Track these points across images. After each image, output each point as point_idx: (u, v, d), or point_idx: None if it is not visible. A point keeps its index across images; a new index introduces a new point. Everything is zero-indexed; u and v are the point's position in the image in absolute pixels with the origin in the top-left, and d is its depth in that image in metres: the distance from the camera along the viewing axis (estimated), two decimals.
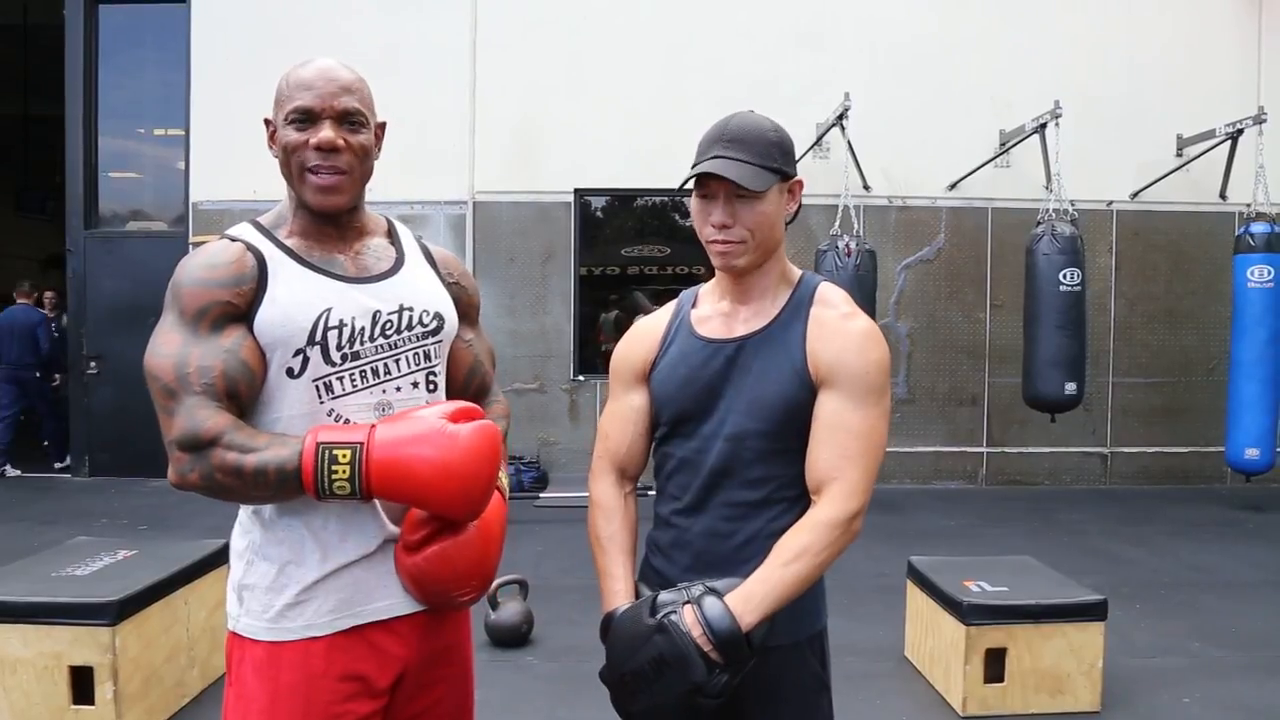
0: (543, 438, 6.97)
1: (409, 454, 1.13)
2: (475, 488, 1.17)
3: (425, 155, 6.67)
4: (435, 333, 1.35)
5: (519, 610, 3.55)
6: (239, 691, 1.26)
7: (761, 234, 1.29)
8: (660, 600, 1.21)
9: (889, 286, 6.84)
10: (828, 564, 1.24)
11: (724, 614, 1.16)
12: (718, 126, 1.30)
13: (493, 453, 1.17)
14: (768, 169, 1.27)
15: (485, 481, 1.17)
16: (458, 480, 1.14)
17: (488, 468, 1.17)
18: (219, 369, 1.17)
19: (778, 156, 1.29)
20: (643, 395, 1.42)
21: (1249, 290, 5.81)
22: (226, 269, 1.21)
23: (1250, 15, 7.06)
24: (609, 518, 1.42)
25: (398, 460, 1.13)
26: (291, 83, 1.25)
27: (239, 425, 1.17)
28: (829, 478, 1.25)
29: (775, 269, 1.35)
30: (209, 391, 1.16)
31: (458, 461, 1.14)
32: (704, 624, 1.16)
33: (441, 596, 1.28)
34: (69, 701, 2.59)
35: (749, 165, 1.25)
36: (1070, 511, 6.09)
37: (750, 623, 1.17)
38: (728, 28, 6.96)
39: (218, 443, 1.14)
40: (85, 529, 4.71)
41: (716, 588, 1.20)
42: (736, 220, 1.27)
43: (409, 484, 1.14)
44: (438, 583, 1.25)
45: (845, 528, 1.23)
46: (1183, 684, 3.20)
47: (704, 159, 1.28)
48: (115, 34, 7.27)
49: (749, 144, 1.27)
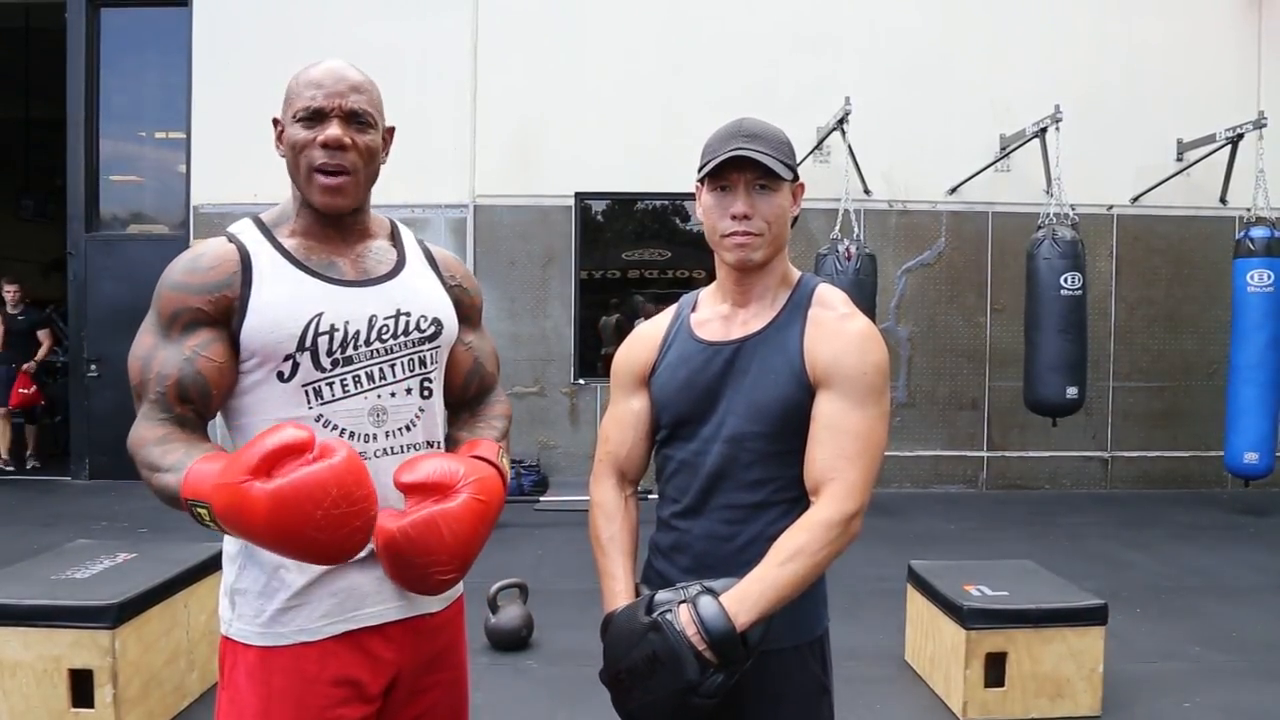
0: (543, 441, 6.97)
1: (235, 513, 1.03)
2: (303, 546, 1.05)
3: (426, 159, 6.67)
4: (432, 339, 1.34)
5: (519, 614, 3.54)
6: (231, 696, 1.26)
7: (778, 227, 1.31)
8: (657, 599, 1.20)
9: (889, 290, 6.84)
10: (826, 564, 1.23)
11: (718, 613, 1.15)
12: (731, 125, 1.31)
13: (312, 507, 1.02)
14: (785, 163, 1.29)
15: (313, 539, 1.04)
16: (278, 542, 1.05)
17: (309, 528, 1.02)
18: (173, 378, 1.19)
19: (790, 155, 1.32)
20: (643, 399, 1.43)
21: (1249, 295, 5.81)
22: (205, 274, 1.22)
23: (1250, 19, 7.07)
24: (610, 519, 1.42)
25: (232, 518, 1.04)
26: (301, 82, 1.26)
27: (161, 439, 1.17)
28: (826, 478, 1.24)
29: (779, 269, 1.36)
30: (160, 400, 1.19)
31: (270, 528, 1.02)
32: (698, 623, 1.15)
33: (418, 570, 1.19)
34: (68, 705, 2.59)
35: (771, 156, 1.27)
36: (1071, 515, 6.08)
37: (745, 622, 1.16)
38: (728, 31, 6.97)
39: (136, 457, 1.18)
40: (85, 532, 4.70)
41: (713, 587, 1.19)
42: (756, 211, 1.28)
43: (255, 539, 1.06)
44: (421, 553, 1.17)
45: (843, 528, 1.22)
46: (1183, 689, 3.19)
47: (724, 151, 1.28)
48: (116, 37, 7.28)
49: (767, 139, 1.29)
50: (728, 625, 1.15)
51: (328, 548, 1.06)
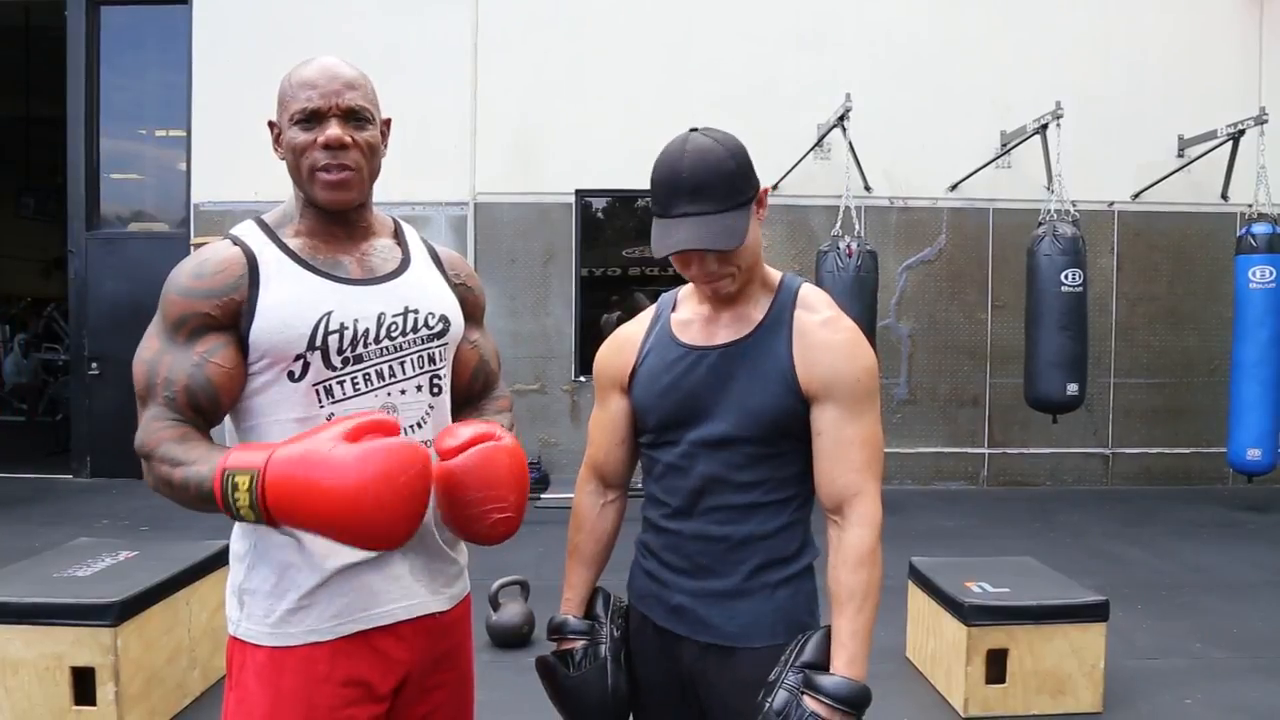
0: (543, 439, 6.97)
1: (302, 478, 1.03)
2: (372, 514, 1.04)
3: (426, 156, 6.68)
4: (440, 335, 1.34)
5: (520, 611, 3.54)
6: (240, 696, 1.25)
7: (746, 261, 1.27)
8: (774, 709, 1.19)
9: (890, 287, 6.84)
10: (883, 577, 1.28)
11: (846, 683, 1.19)
12: (670, 171, 1.23)
13: (398, 471, 1.04)
14: (735, 208, 1.22)
15: (386, 507, 1.04)
16: (349, 507, 1.03)
17: (388, 491, 1.03)
18: (182, 383, 1.18)
19: (740, 185, 1.23)
20: (622, 402, 1.41)
21: (1251, 291, 5.80)
22: (211, 279, 1.21)
23: (1251, 15, 7.06)
24: (578, 527, 1.48)
25: (290, 485, 1.03)
26: (294, 83, 1.24)
27: (182, 437, 1.17)
28: (847, 494, 1.26)
29: (755, 276, 1.33)
30: (170, 404, 1.18)
31: (350, 487, 1.02)
32: (835, 703, 1.18)
33: (476, 507, 1.18)
34: (70, 702, 2.59)
35: (719, 218, 1.21)
36: (1072, 512, 6.08)
37: (862, 673, 1.21)
38: (729, 29, 6.96)
39: (154, 455, 1.16)
40: (87, 530, 4.71)
41: (813, 661, 1.22)
42: (723, 270, 1.26)
43: (304, 511, 1.04)
44: (482, 486, 1.17)
45: (880, 538, 1.27)
46: (1184, 685, 3.19)
47: (668, 217, 1.23)
48: (117, 35, 7.26)
49: (712, 189, 1.21)
50: (861, 689, 1.19)
51: (390, 524, 1.06)
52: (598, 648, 1.39)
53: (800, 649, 1.23)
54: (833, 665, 1.20)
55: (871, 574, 1.24)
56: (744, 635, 1.29)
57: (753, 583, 1.30)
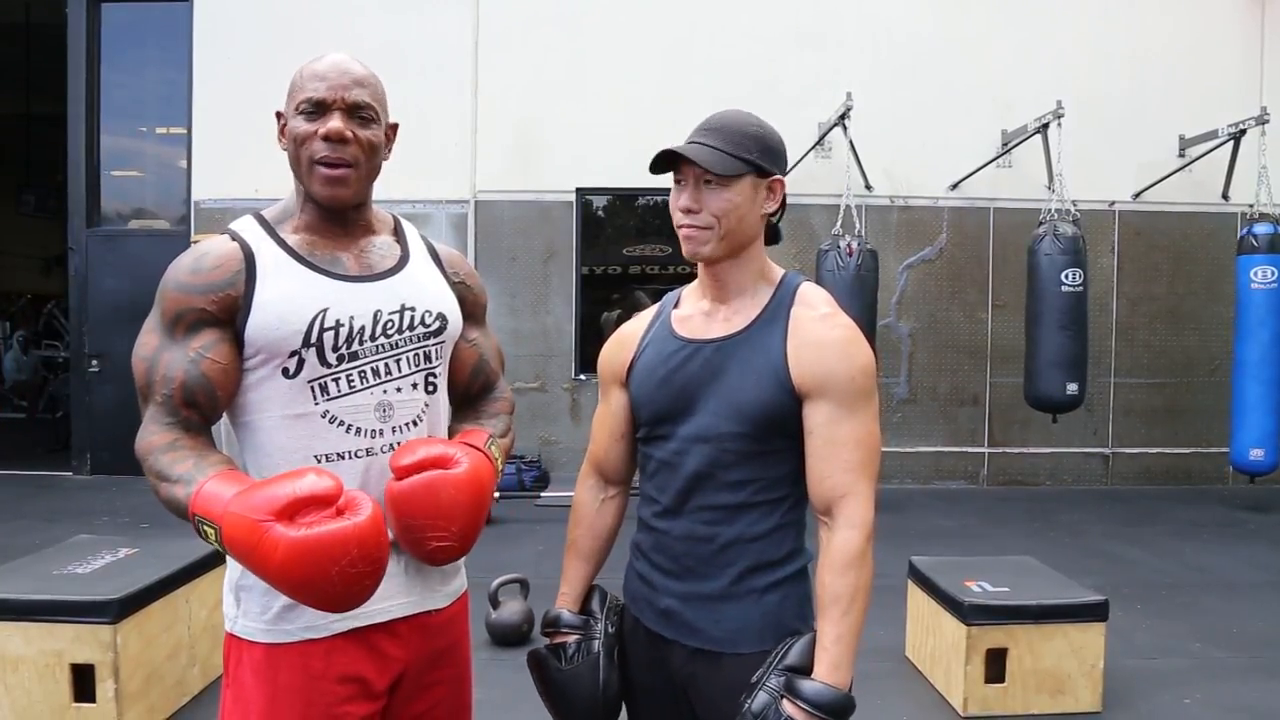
0: (544, 437, 6.97)
1: (248, 552, 1.04)
2: (309, 599, 1.08)
3: (427, 154, 6.67)
4: (437, 333, 1.34)
5: (520, 609, 3.54)
6: (237, 693, 1.25)
7: (729, 223, 1.26)
8: (753, 710, 1.18)
9: (890, 286, 6.83)
10: (872, 582, 1.25)
11: (826, 689, 1.16)
12: (706, 118, 1.30)
13: (329, 564, 1.03)
14: (738, 158, 1.25)
15: (322, 595, 1.06)
16: (289, 590, 1.06)
17: (321, 581, 1.04)
18: (179, 380, 1.19)
19: (753, 149, 1.26)
20: (620, 398, 1.41)
21: (1252, 291, 5.80)
22: (209, 274, 1.21)
23: (1253, 15, 7.05)
24: (577, 522, 1.48)
25: (241, 554, 1.06)
26: (305, 74, 1.25)
27: (170, 445, 1.17)
28: (837, 495, 1.23)
29: (752, 267, 1.32)
30: (166, 403, 1.19)
31: (284, 582, 1.05)
32: (812, 710, 1.15)
33: (415, 533, 1.21)
34: (70, 699, 2.60)
35: (717, 151, 1.24)
36: (1071, 512, 6.08)
37: (846, 679, 1.18)
38: (730, 27, 6.95)
39: (145, 463, 1.18)
40: (86, 527, 4.71)
41: (796, 665, 1.20)
42: (703, 206, 1.26)
43: (259, 576, 1.07)
44: (419, 514, 1.19)
45: (869, 543, 1.23)
46: (1184, 685, 3.19)
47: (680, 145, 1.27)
48: (117, 32, 7.26)
49: (724, 132, 1.26)
50: (841, 697, 1.17)
51: (334, 600, 1.08)
52: (591, 643, 1.38)
53: (786, 652, 1.22)
54: (815, 671, 1.18)
55: (859, 578, 1.20)
56: (731, 640, 1.27)
57: (740, 586, 1.27)
